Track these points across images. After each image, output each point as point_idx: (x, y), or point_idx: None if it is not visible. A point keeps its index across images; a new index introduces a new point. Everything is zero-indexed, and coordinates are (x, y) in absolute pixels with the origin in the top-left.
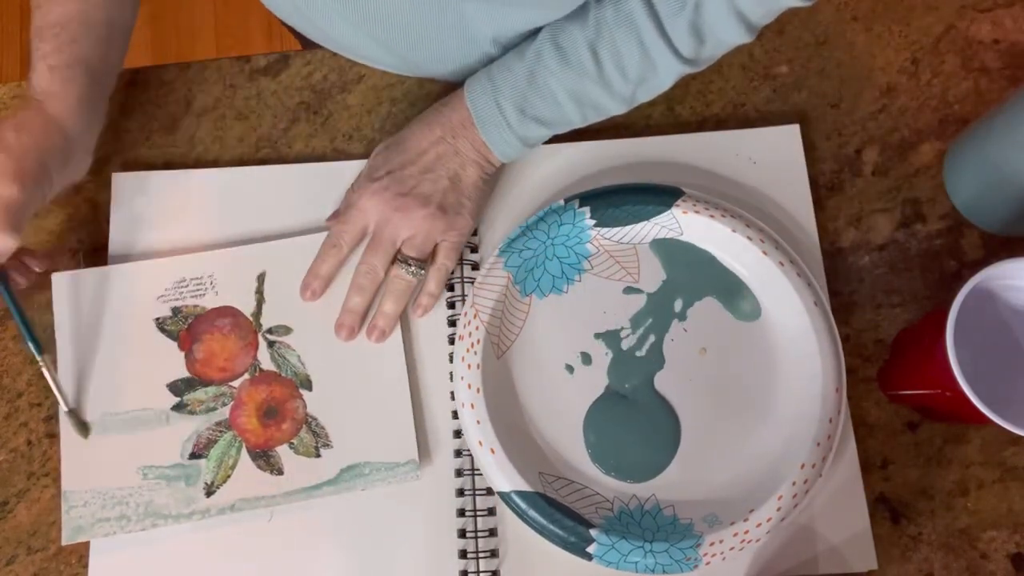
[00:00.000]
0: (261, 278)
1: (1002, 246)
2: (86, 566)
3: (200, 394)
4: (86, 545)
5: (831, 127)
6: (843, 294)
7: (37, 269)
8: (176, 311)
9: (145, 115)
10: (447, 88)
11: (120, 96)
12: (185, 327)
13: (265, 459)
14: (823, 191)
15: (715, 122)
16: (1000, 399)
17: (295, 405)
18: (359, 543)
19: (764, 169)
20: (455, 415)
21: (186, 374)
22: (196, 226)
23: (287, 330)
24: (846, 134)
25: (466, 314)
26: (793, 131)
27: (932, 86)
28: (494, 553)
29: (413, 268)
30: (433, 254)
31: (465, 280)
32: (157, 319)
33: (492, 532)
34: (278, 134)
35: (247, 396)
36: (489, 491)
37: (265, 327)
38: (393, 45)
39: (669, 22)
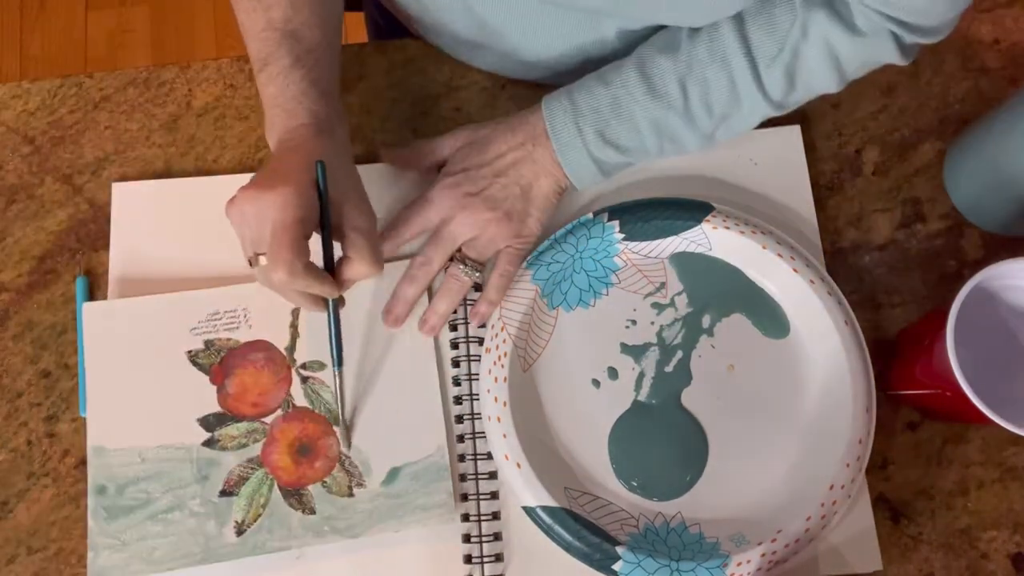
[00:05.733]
0: (296, 312)
1: (1002, 246)
2: (86, 567)
3: (232, 430)
4: (85, 545)
5: (831, 127)
6: (843, 294)
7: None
8: (209, 344)
9: (145, 115)
10: (448, 88)
11: (121, 96)
12: (218, 361)
13: (297, 497)
14: (823, 191)
15: None
16: (1000, 399)
17: (328, 443)
18: (361, 559)
19: (765, 170)
20: (460, 439)
21: (218, 409)
22: (197, 234)
23: (321, 366)
24: (846, 134)
25: (493, 327)
26: (794, 132)
27: (932, 86)
28: (499, 557)
29: (469, 269)
30: (495, 261)
31: (468, 303)
32: (189, 352)
33: (498, 557)
34: None
35: (280, 433)
36: (495, 516)
37: (299, 362)
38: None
39: (764, 65)
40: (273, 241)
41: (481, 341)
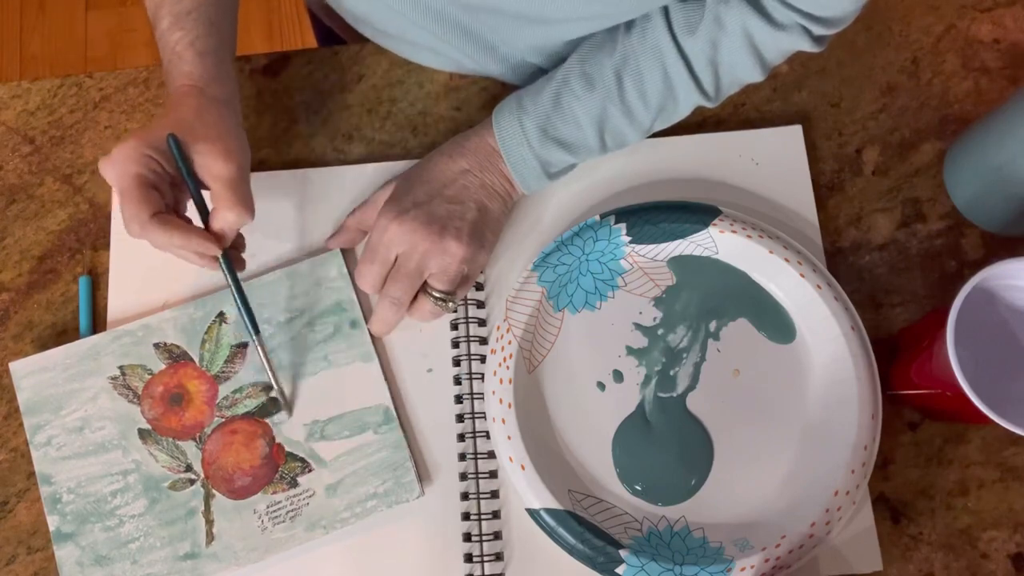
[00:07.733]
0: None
1: (1002, 246)
2: None
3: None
4: None
5: (831, 127)
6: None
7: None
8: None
9: (145, 115)
10: (448, 88)
11: (121, 96)
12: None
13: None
14: (823, 191)
15: (715, 122)
16: (1000, 399)
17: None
18: (363, 570)
19: (767, 170)
20: (460, 438)
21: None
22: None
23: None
24: (846, 134)
25: (499, 328)
26: (796, 132)
27: (932, 86)
28: (499, 556)
29: (451, 304)
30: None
31: (470, 320)
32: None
33: (498, 556)
34: (278, 134)
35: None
36: (495, 515)
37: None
38: (448, 41)
39: (692, 55)
40: (120, 197)
41: (482, 341)
